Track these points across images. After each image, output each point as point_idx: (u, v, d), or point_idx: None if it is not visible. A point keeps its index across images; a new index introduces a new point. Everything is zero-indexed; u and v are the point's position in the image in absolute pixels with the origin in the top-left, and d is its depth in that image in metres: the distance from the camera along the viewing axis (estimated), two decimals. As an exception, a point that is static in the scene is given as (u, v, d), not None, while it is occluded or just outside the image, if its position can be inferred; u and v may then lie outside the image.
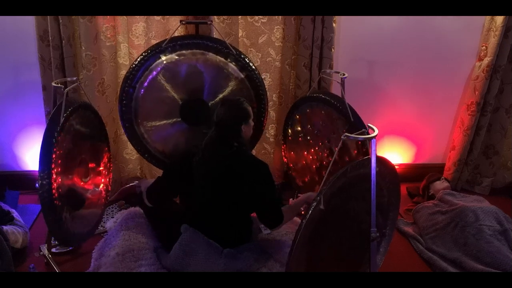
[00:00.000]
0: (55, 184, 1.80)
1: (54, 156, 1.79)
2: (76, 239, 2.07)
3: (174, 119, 2.38)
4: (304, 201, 2.02)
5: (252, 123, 2.02)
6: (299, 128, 2.54)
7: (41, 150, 1.78)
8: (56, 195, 1.81)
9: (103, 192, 2.33)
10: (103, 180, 2.31)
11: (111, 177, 2.44)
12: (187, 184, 1.99)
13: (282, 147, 2.71)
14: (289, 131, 2.61)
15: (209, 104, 2.35)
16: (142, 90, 2.30)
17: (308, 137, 2.47)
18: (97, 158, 2.25)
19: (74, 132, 1.98)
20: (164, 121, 2.38)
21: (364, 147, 2.07)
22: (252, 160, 2.00)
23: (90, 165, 2.18)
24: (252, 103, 2.39)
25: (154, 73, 2.28)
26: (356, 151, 2.14)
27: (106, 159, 2.35)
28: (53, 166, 1.78)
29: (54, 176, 1.79)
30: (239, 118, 1.94)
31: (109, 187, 2.41)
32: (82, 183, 2.11)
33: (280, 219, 1.91)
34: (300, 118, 2.52)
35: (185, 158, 2.04)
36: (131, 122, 2.36)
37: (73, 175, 2.03)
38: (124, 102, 2.31)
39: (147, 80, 2.28)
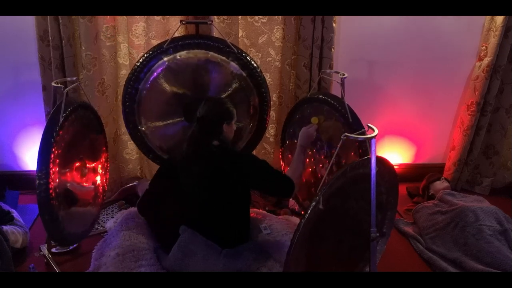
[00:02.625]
0: (52, 184, 1.80)
1: (52, 156, 1.79)
2: (72, 238, 2.07)
3: (177, 119, 2.38)
4: (302, 145, 2.08)
5: (234, 126, 2.05)
6: (298, 131, 2.52)
7: (39, 149, 1.78)
8: (53, 194, 1.80)
9: (100, 192, 2.33)
10: (100, 179, 2.31)
11: (107, 177, 2.44)
12: (176, 189, 1.98)
13: (280, 149, 2.70)
14: (288, 134, 2.60)
15: None
16: (145, 91, 2.30)
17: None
18: (95, 157, 2.26)
19: (72, 132, 1.98)
20: (168, 121, 2.38)
21: (362, 148, 2.06)
22: (236, 153, 2.04)
23: (87, 165, 2.18)
24: (254, 100, 2.40)
25: (156, 74, 2.28)
26: (353, 153, 2.13)
27: (104, 159, 2.35)
28: (51, 166, 1.78)
29: (52, 175, 1.79)
30: (221, 117, 1.97)
31: (106, 186, 2.41)
32: (79, 183, 2.11)
33: (290, 183, 1.90)
34: (299, 120, 2.52)
35: (167, 167, 2.03)
36: (135, 123, 2.36)
37: (71, 175, 2.03)
38: (127, 104, 2.32)
39: (150, 81, 2.28)
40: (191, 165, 1.95)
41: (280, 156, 2.69)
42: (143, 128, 2.38)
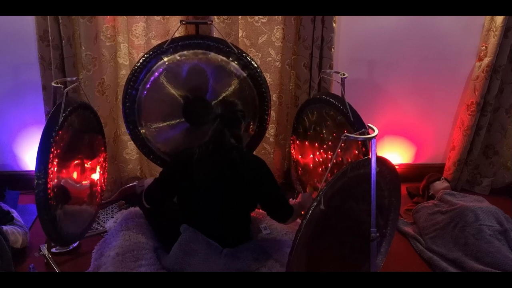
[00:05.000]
0: (51, 184, 1.80)
1: (51, 155, 1.79)
2: (70, 238, 2.07)
3: (178, 120, 2.38)
4: (301, 204, 2.10)
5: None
6: (305, 131, 2.53)
7: (38, 149, 1.78)
8: (51, 194, 1.80)
9: (98, 192, 2.33)
10: (98, 179, 2.31)
11: (106, 177, 2.44)
12: (184, 185, 1.98)
13: (292, 151, 2.69)
14: (296, 135, 2.60)
15: (212, 103, 2.35)
16: (145, 92, 2.30)
17: (314, 140, 2.46)
18: (94, 157, 2.25)
19: (72, 132, 1.98)
20: (168, 122, 2.38)
21: (365, 147, 2.06)
22: (253, 157, 2.06)
23: (86, 165, 2.18)
24: (255, 101, 2.40)
25: (156, 74, 2.28)
26: (357, 151, 2.13)
27: (102, 159, 2.35)
28: (50, 165, 1.78)
29: (51, 175, 1.79)
30: (240, 115, 2.01)
31: (104, 186, 2.41)
32: (77, 182, 2.11)
33: (290, 210, 1.98)
34: (306, 121, 2.52)
35: (181, 159, 2.03)
36: (135, 124, 2.36)
37: (69, 174, 2.03)
38: (128, 104, 2.31)
39: (150, 82, 2.28)
40: (206, 163, 1.95)
41: (293, 158, 2.70)
42: (143, 129, 2.38)
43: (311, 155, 2.51)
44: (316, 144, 2.43)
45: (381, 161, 1.68)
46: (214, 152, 1.94)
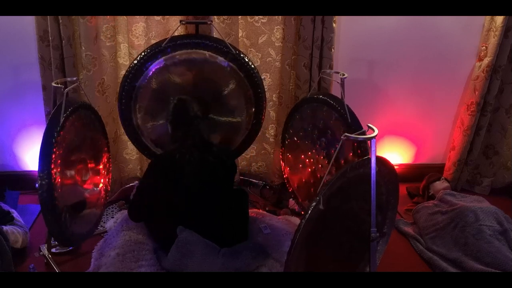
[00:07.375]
0: (55, 184, 1.80)
1: (53, 156, 1.79)
2: (75, 239, 2.07)
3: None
4: None
5: None
6: (297, 131, 2.52)
7: (40, 150, 1.78)
8: (55, 194, 1.80)
9: (102, 192, 2.33)
10: (102, 180, 2.31)
11: (110, 177, 2.44)
12: (173, 189, 1.98)
13: (281, 150, 2.69)
14: (288, 134, 2.60)
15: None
16: (141, 89, 2.30)
17: (306, 139, 2.46)
18: (97, 158, 2.25)
19: (74, 132, 1.98)
20: (164, 119, 2.38)
21: (360, 148, 2.06)
22: (228, 150, 2.19)
23: (89, 165, 2.18)
24: (251, 101, 2.40)
25: (153, 72, 2.28)
26: (351, 153, 2.13)
27: (106, 159, 2.35)
28: (52, 166, 1.78)
29: (54, 176, 1.79)
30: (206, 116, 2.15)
31: (109, 187, 2.41)
32: (81, 183, 2.11)
33: None
34: (299, 120, 2.51)
35: (164, 164, 2.03)
36: (131, 120, 2.36)
37: (73, 175, 2.03)
38: (124, 101, 2.32)
39: (146, 79, 2.29)
40: (197, 163, 1.96)
41: (281, 156, 2.69)
42: (139, 126, 2.38)
43: (302, 155, 2.50)
44: (309, 144, 2.42)
45: (380, 160, 1.67)
46: (198, 153, 1.95)
